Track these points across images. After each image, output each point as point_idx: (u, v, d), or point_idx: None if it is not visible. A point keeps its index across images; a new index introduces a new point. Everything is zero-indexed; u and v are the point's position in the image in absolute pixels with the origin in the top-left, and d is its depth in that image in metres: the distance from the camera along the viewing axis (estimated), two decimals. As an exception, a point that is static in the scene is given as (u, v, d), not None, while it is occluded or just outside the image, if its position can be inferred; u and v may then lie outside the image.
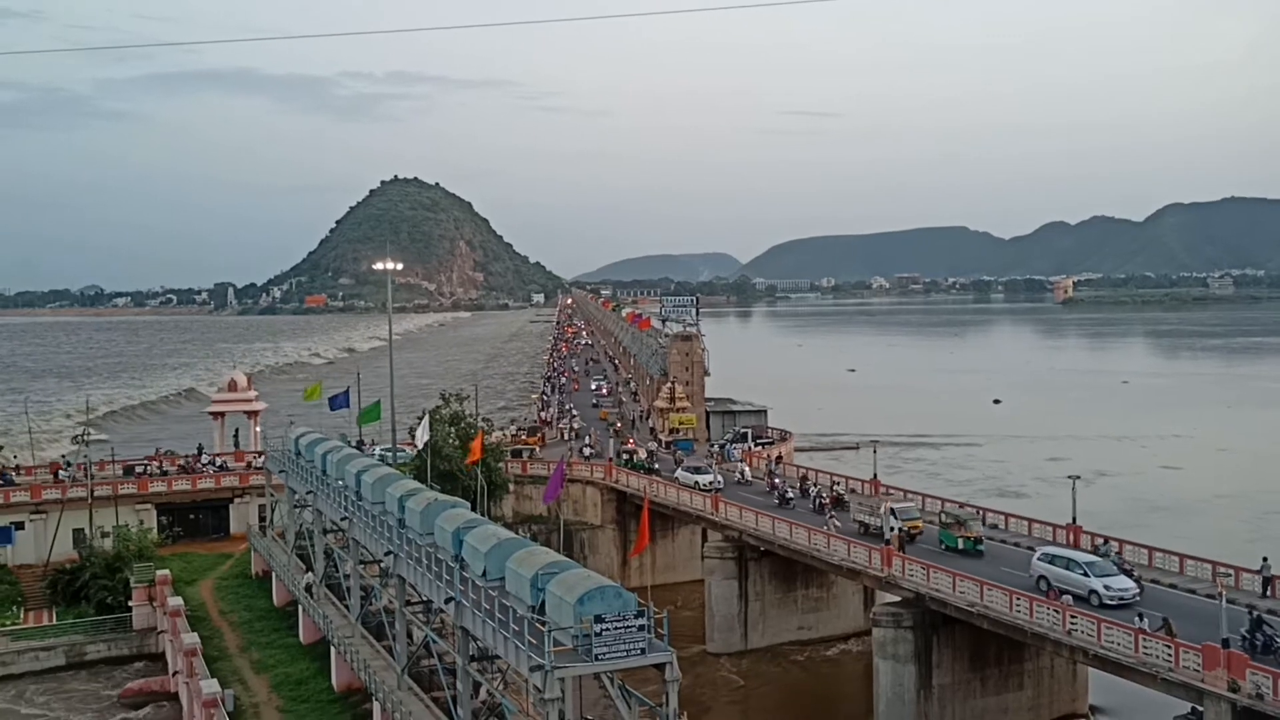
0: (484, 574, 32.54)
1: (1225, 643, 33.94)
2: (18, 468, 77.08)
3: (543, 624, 27.58)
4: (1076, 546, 50.78)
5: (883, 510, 53.79)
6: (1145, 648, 36.23)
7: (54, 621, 58.40)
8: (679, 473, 69.81)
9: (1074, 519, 52.31)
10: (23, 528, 68.06)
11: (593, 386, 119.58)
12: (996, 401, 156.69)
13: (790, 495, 63.50)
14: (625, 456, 76.74)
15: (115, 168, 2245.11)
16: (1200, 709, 34.35)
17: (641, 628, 26.81)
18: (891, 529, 52.09)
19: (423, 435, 62.88)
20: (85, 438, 78.26)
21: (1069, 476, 54.77)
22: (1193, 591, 44.14)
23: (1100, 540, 50.47)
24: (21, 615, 59.69)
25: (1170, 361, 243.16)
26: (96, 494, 69.11)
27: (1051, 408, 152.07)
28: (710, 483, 64.85)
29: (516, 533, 44.47)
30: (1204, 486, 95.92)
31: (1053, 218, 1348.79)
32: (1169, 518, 76.17)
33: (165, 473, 76.77)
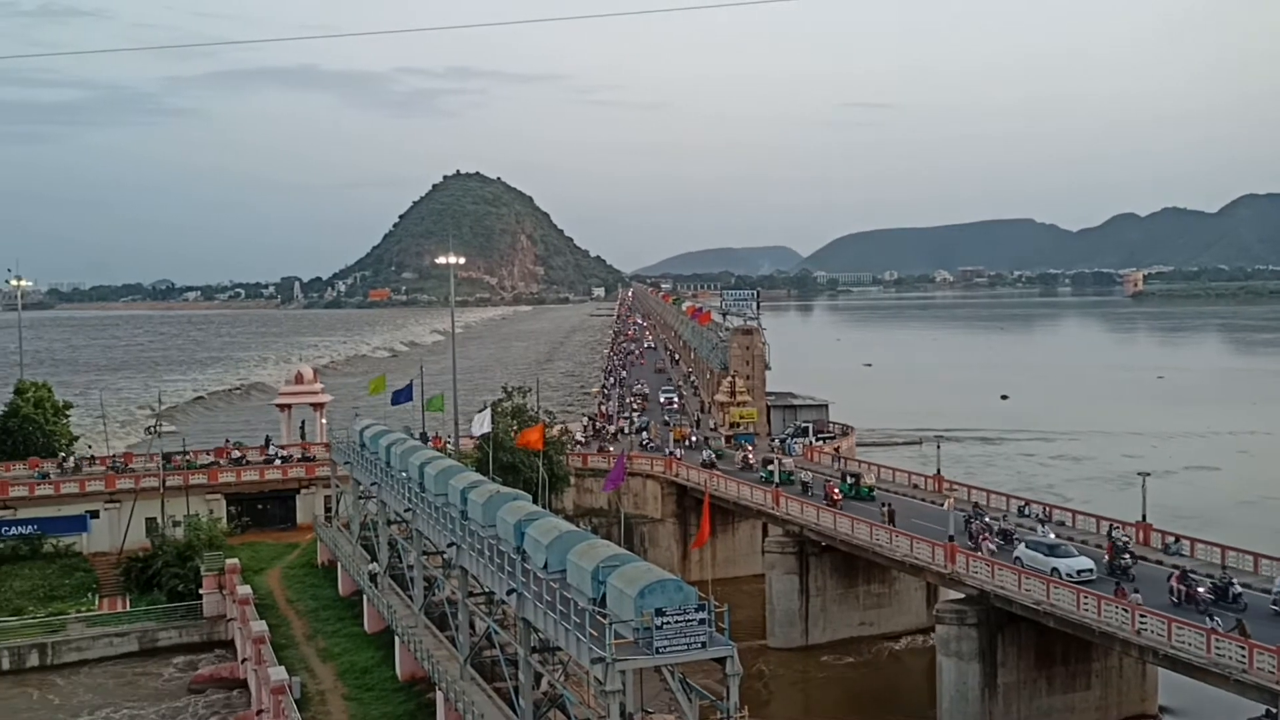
0: (545, 566, 32.73)
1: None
2: (92, 458, 78.86)
3: (604, 616, 27.67)
4: (1146, 544, 49.81)
5: None
6: (1218, 648, 35.45)
7: (128, 608, 59.82)
8: (1020, 550, 47.33)
9: (1144, 516, 51.37)
10: (98, 516, 69.82)
11: (662, 400, 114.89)
12: (1004, 398, 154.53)
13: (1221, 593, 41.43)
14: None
15: (182, 165, 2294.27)
16: (1275, 711, 33.54)
17: (702, 621, 26.80)
18: None
19: (482, 426, 63.11)
20: (157, 429, 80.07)
21: (1138, 474, 53.51)
22: (1267, 591, 43.02)
23: (1171, 539, 49.52)
24: (96, 602, 61.28)
25: (1220, 356, 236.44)
26: (168, 484, 70.67)
27: (1065, 404, 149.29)
28: (1081, 571, 44.80)
29: (577, 525, 44.66)
30: (1226, 491, 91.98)
31: (1122, 209, 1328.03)
32: (1195, 525, 69.48)
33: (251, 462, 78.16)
